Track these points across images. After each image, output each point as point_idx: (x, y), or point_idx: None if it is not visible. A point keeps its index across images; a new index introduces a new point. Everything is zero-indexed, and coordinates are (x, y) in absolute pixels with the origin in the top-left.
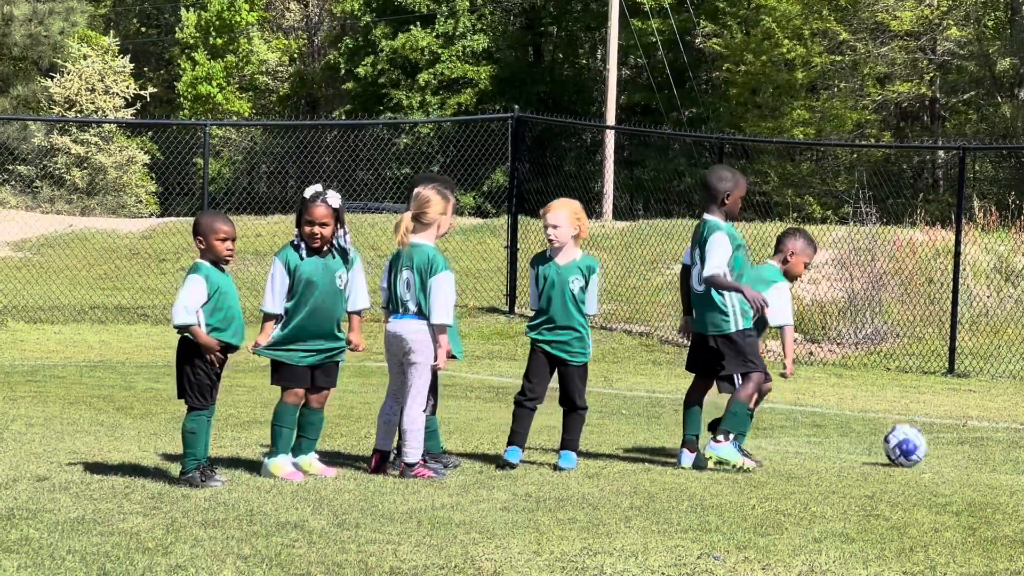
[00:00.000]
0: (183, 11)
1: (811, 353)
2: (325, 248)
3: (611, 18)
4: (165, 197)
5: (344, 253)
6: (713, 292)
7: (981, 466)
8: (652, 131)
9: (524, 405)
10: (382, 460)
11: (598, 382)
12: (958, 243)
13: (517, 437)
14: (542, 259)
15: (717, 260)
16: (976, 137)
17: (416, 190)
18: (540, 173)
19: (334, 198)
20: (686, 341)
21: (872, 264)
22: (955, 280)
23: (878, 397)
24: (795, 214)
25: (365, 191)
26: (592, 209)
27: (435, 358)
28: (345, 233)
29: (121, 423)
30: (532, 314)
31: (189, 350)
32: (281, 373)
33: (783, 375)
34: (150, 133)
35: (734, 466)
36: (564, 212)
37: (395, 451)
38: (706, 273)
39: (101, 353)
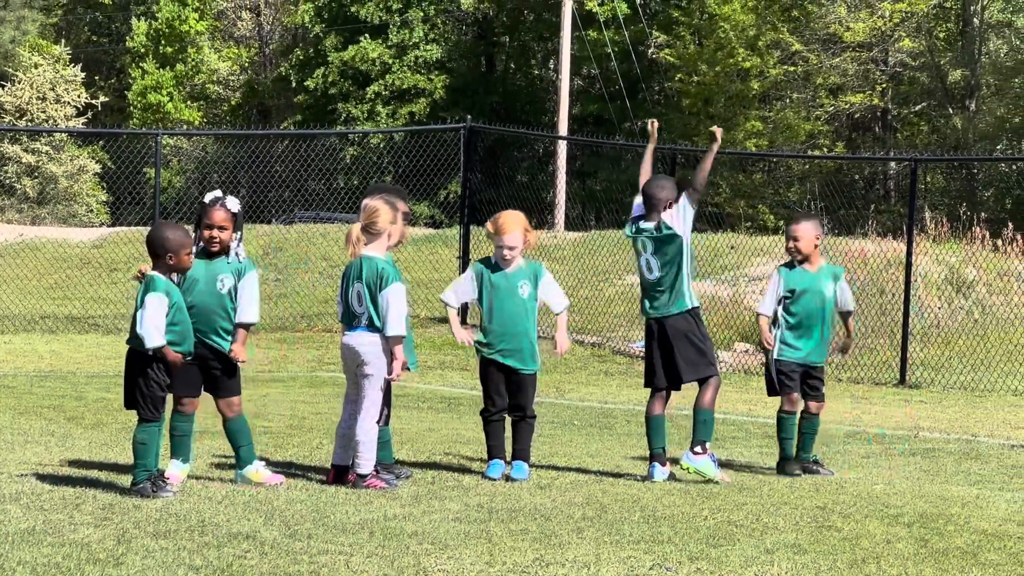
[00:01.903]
0: (134, 20)
1: (763, 364)
2: (222, 252)
3: (563, 28)
4: (116, 206)
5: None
6: (674, 281)
7: (933, 477)
8: (604, 142)
9: (492, 420)
10: (339, 475)
11: (550, 392)
12: (909, 254)
13: (496, 450)
14: (489, 265)
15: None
16: (927, 148)
17: (364, 201)
18: (492, 183)
19: (233, 203)
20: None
21: None
22: (906, 291)
23: (829, 408)
24: (747, 224)
25: (317, 201)
26: (544, 219)
27: (389, 371)
28: (239, 241)
29: (72, 433)
30: (452, 310)
31: (140, 362)
32: (174, 379)
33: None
34: (101, 142)
35: (709, 480)
36: (519, 231)
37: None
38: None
39: (51, 363)
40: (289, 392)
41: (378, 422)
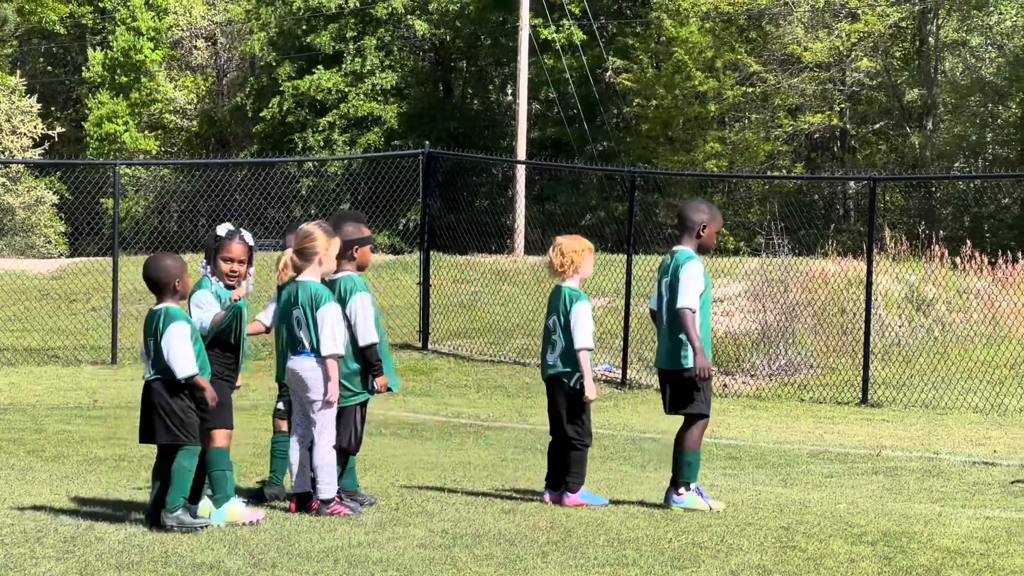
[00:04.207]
0: (90, 50)
1: (725, 385)
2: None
3: (520, 53)
4: (74, 237)
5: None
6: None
7: (896, 496)
8: (563, 165)
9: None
10: (301, 502)
11: (512, 417)
12: (870, 273)
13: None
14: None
15: (691, 296)
16: (886, 167)
17: (300, 226)
18: (452, 209)
19: (248, 236)
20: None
21: (785, 295)
22: (867, 310)
23: (792, 428)
24: None
25: (276, 229)
26: (504, 244)
27: (325, 392)
28: (252, 277)
29: (32, 466)
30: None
31: (174, 392)
32: (223, 415)
33: None
34: (58, 173)
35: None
36: None
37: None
38: (679, 305)
39: (10, 395)
40: (251, 421)
41: (337, 446)
